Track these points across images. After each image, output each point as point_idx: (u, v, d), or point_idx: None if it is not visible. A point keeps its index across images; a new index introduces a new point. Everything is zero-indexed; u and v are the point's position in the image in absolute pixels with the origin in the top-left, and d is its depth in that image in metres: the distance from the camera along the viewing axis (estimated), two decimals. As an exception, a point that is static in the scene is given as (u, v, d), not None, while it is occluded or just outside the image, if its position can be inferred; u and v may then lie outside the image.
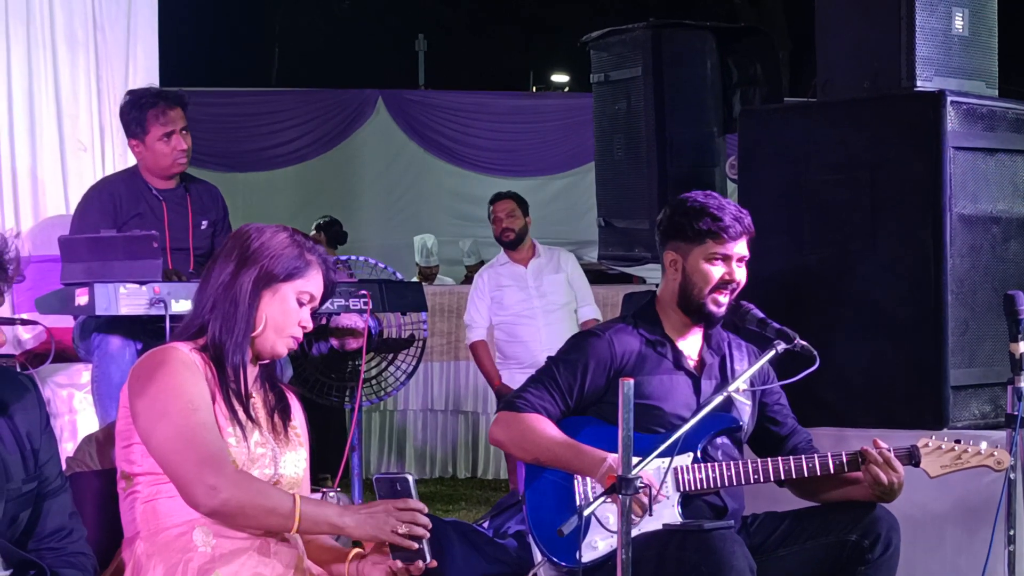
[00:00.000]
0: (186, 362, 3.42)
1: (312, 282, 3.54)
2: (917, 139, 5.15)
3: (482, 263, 12.26)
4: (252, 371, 3.54)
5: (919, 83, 5.25)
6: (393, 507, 3.34)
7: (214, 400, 3.44)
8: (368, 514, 3.34)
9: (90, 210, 5.89)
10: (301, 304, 3.53)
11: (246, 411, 3.47)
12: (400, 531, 3.32)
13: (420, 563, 3.35)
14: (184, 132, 5.88)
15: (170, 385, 3.38)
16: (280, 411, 3.57)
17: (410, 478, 3.39)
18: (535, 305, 8.37)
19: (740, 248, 4.31)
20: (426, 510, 3.36)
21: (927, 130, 5.12)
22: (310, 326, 3.56)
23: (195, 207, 5.98)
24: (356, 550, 3.50)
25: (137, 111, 5.86)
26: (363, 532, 3.33)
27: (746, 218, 4.32)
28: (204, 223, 5.93)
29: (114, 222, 5.81)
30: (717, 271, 4.29)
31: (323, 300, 3.60)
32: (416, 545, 3.32)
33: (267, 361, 3.58)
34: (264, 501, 3.32)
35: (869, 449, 4.15)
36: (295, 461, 3.55)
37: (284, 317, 3.51)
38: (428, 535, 3.34)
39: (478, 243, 12.77)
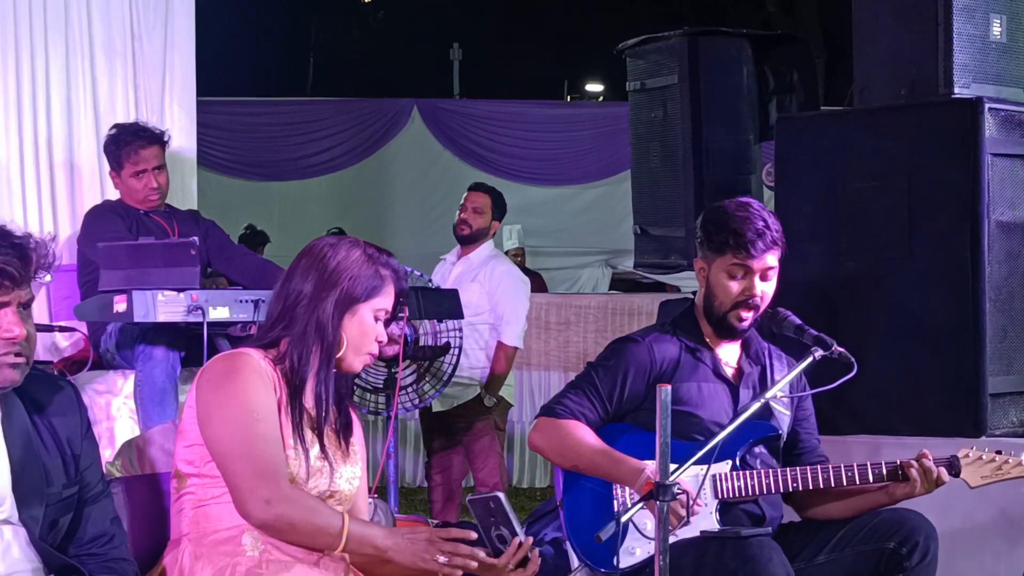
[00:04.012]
0: (258, 371, 3.45)
1: (388, 298, 3.57)
2: (955, 146, 5.13)
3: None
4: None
5: (957, 90, 5.24)
6: (436, 535, 3.34)
7: (279, 411, 3.46)
8: (411, 540, 3.35)
9: (101, 220, 6.08)
10: (377, 320, 3.56)
11: (319, 425, 3.50)
12: (440, 560, 3.32)
13: (518, 540, 3.38)
14: (157, 171, 6.16)
15: (239, 391, 3.40)
16: (343, 427, 3.59)
17: (501, 496, 3.40)
18: None
19: (764, 262, 4.23)
20: (472, 536, 3.36)
21: (965, 137, 5.10)
22: (385, 339, 3.60)
23: (181, 228, 6.17)
24: None
25: (115, 146, 6.19)
26: (404, 557, 3.34)
27: (771, 233, 4.21)
28: (194, 239, 6.03)
29: (123, 225, 6.01)
30: (736, 286, 4.24)
31: (394, 310, 3.62)
32: (459, 573, 3.33)
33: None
34: (315, 519, 3.35)
35: (913, 463, 4.12)
36: (350, 477, 3.57)
37: (363, 337, 3.54)
38: (474, 565, 3.34)
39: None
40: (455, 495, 7.74)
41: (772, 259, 4.25)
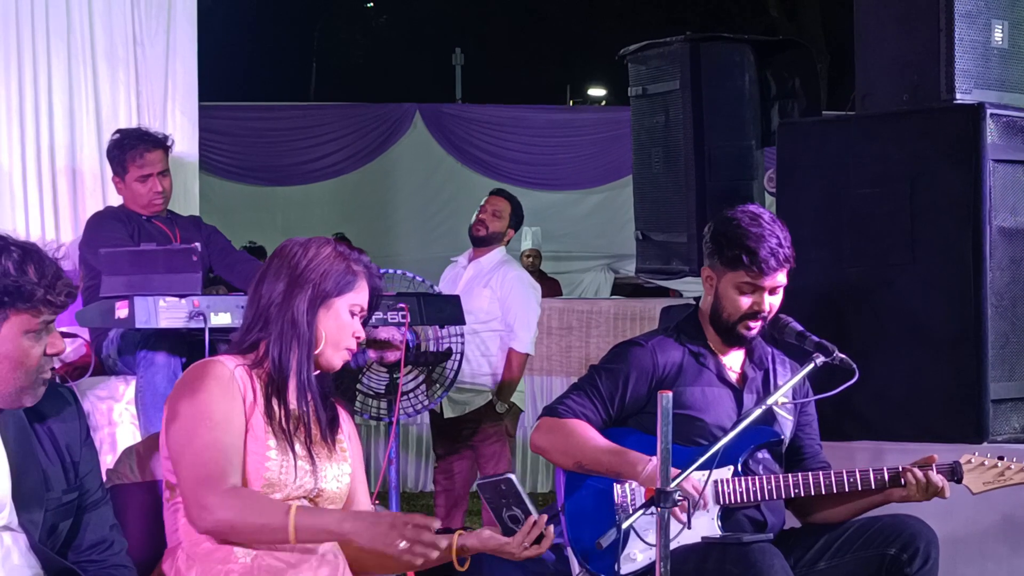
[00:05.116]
0: (222, 378, 3.45)
1: (361, 294, 3.58)
2: (956, 152, 5.13)
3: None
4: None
5: (958, 96, 5.23)
6: (400, 520, 3.29)
7: (252, 414, 3.46)
8: (372, 523, 3.30)
9: (103, 226, 6.08)
10: (353, 315, 3.57)
11: (305, 426, 3.50)
12: (400, 545, 3.27)
13: (532, 519, 3.43)
14: (162, 175, 6.16)
15: (194, 400, 3.41)
16: (329, 424, 3.59)
17: (512, 476, 3.47)
18: None
19: (775, 280, 4.24)
20: (436, 526, 3.31)
21: (966, 143, 5.10)
22: (363, 336, 3.61)
23: (183, 234, 6.17)
24: (460, 531, 3.54)
25: (119, 151, 6.17)
26: (364, 540, 3.29)
27: (783, 250, 4.22)
28: (196, 245, 6.02)
29: (125, 231, 6.01)
30: (745, 301, 4.25)
31: (370, 308, 3.63)
32: (419, 560, 3.31)
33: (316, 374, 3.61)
34: (255, 518, 3.31)
35: (912, 470, 4.11)
36: (337, 475, 3.56)
37: (340, 332, 3.55)
38: (435, 554, 3.31)
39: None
40: (461, 501, 7.73)
41: (782, 277, 4.26)
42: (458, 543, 3.51)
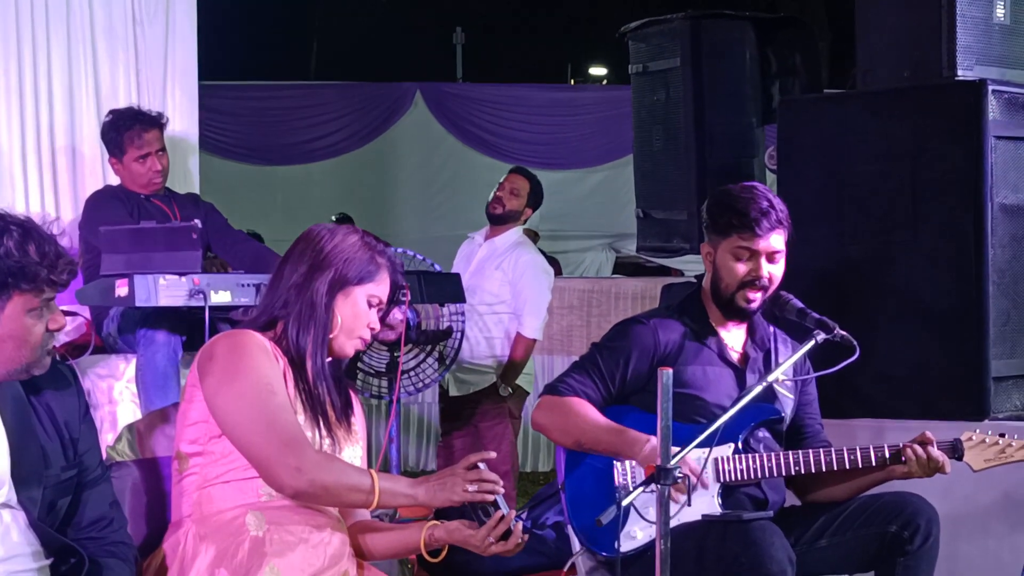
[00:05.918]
0: (263, 347, 3.48)
1: (382, 285, 3.61)
2: (958, 128, 5.12)
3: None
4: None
5: (960, 72, 5.22)
6: (457, 471, 3.42)
7: (286, 387, 3.47)
8: (436, 482, 3.42)
9: (102, 205, 6.09)
10: (370, 306, 3.59)
11: (321, 407, 3.52)
12: (470, 490, 3.39)
13: (500, 513, 3.41)
14: (160, 153, 6.17)
15: (249, 367, 3.42)
16: (344, 407, 3.62)
17: (482, 467, 3.45)
18: None
19: (770, 243, 4.22)
20: (492, 455, 3.50)
21: (968, 119, 5.09)
22: (378, 327, 3.63)
23: (182, 212, 6.16)
24: (432, 522, 3.56)
25: (115, 132, 6.18)
26: (435, 500, 3.42)
27: (776, 213, 4.22)
28: (196, 222, 6.02)
29: (124, 210, 6.01)
30: (742, 267, 4.24)
31: (389, 303, 3.65)
32: (491, 497, 3.41)
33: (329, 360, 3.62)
34: (346, 480, 3.40)
35: (913, 446, 4.11)
36: (352, 457, 3.58)
37: (355, 320, 3.57)
38: (501, 490, 3.42)
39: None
40: None
41: (778, 240, 4.24)
42: (427, 534, 3.54)
